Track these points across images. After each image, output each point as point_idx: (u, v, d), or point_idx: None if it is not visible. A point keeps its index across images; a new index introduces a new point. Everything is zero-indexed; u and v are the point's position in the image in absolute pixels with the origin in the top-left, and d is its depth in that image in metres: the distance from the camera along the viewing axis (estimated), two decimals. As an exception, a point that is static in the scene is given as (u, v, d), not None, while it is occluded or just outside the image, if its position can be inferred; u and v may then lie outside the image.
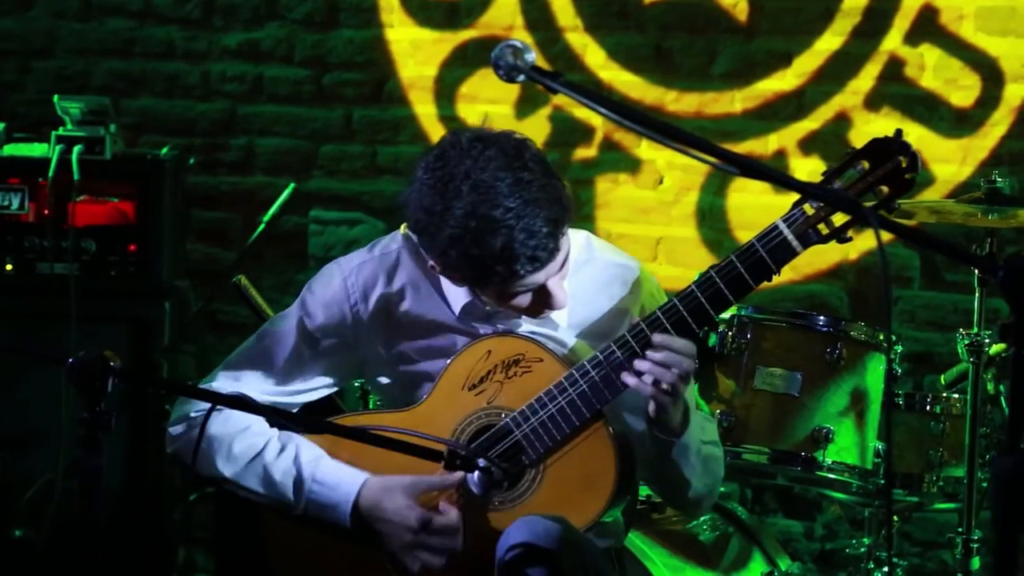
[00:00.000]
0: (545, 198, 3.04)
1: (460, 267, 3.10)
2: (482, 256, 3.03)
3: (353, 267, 3.35)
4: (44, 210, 4.79)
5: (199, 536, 5.38)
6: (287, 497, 3.26)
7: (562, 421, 3.14)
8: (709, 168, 5.12)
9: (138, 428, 4.81)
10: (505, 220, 3.00)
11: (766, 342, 4.01)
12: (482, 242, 3.02)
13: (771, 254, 3.05)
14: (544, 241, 3.03)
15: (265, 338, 3.39)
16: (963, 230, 4.40)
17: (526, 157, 3.06)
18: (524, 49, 2.58)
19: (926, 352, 5.01)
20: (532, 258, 3.04)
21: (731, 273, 3.08)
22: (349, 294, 3.33)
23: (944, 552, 4.93)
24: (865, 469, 4.04)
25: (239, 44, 5.57)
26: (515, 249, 3.02)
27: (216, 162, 5.60)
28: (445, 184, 3.04)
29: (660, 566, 3.77)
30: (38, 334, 4.70)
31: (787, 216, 3.05)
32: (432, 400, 3.26)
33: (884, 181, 2.98)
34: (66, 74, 5.65)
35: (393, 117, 5.47)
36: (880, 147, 2.99)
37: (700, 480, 3.25)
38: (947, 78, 4.98)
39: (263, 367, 3.36)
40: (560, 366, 3.17)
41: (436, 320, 3.31)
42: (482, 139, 3.08)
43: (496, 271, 3.05)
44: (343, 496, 3.23)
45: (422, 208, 3.08)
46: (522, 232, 3.01)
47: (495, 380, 3.21)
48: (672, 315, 3.10)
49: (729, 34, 5.18)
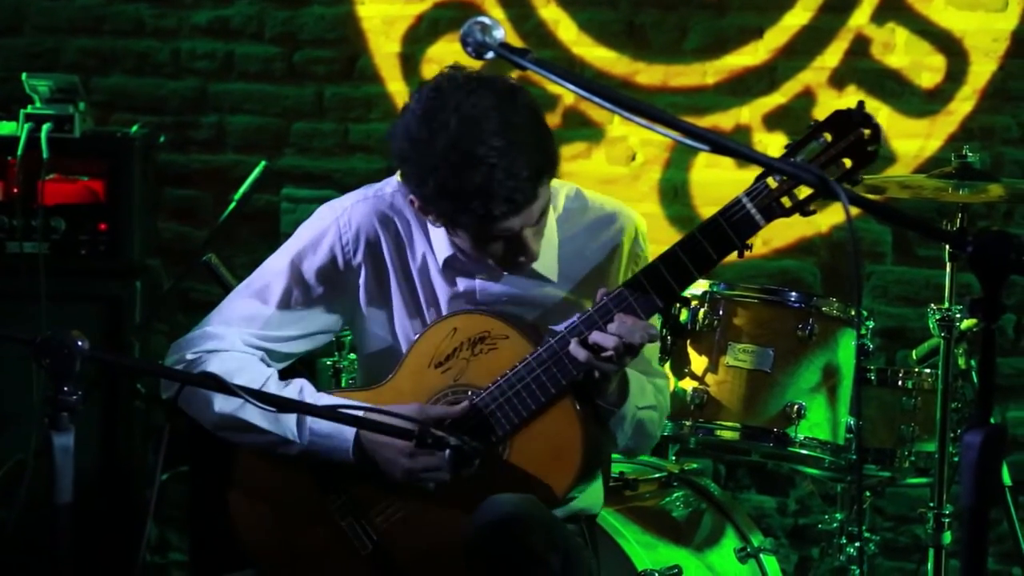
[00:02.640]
0: (530, 144, 3.03)
1: (436, 200, 3.08)
2: (459, 190, 3.02)
3: (346, 207, 3.34)
4: (13, 189, 4.77)
5: (172, 515, 5.37)
6: (290, 430, 3.22)
7: (528, 398, 3.14)
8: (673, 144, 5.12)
9: (110, 407, 4.80)
10: (487, 158, 2.99)
11: (738, 318, 4.01)
12: (461, 175, 3.00)
13: (734, 228, 3.04)
14: (523, 184, 3.02)
15: (256, 281, 3.37)
16: (935, 205, 4.41)
17: (519, 102, 3.06)
18: (493, 26, 2.57)
19: (898, 327, 5.02)
20: (509, 199, 3.02)
21: (695, 248, 3.07)
22: (341, 234, 3.32)
23: (916, 527, 4.95)
24: (837, 445, 4.05)
25: (209, 21, 5.55)
26: (493, 187, 3.00)
27: (187, 140, 5.57)
28: (434, 114, 3.03)
29: (632, 543, 3.78)
30: (8, 314, 4.68)
31: (750, 190, 3.05)
32: (399, 378, 3.25)
33: (846, 153, 2.97)
34: (35, 52, 5.62)
35: (365, 95, 5.45)
36: (842, 119, 2.98)
37: (630, 441, 3.27)
38: (914, 58, 4.98)
39: (254, 311, 3.33)
40: (526, 343, 3.16)
41: (421, 269, 3.30)
42: (478, 78, 3.07)
43: (471, 209, 3.03)
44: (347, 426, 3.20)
45: (407, 137, 3.07)
46: (502, 172, 3.00)
47: (461, 357, 3.20)
48: (636, 290, 3.09)
49: (701, 9, 5.17)
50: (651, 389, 3.32)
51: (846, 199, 2.36)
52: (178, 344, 3.37)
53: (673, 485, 4.14)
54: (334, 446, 3.21)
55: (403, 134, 3.09)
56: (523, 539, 3.02)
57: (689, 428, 4.01)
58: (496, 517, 3.03)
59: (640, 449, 3.39)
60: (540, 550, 3.04)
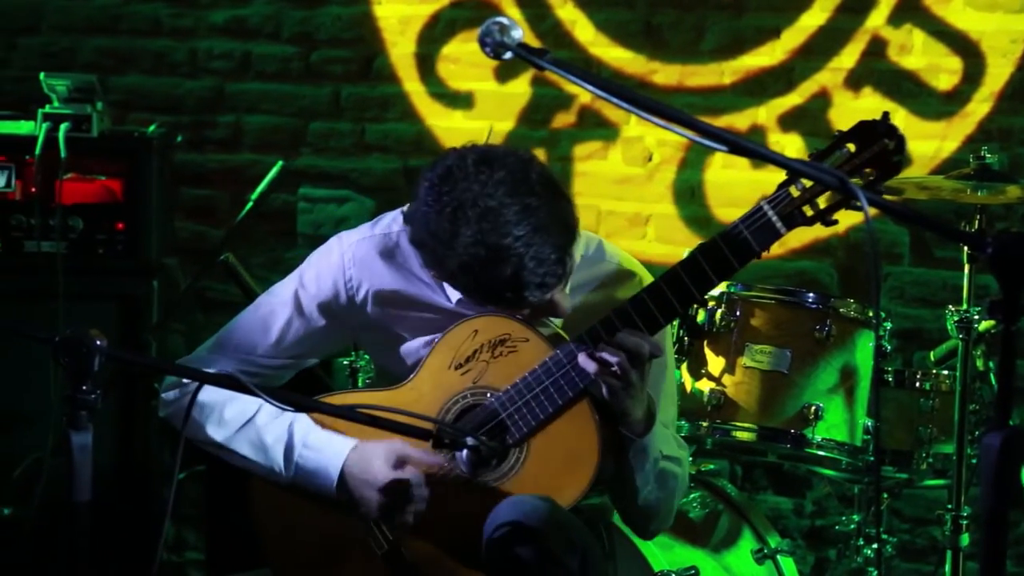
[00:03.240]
0: (553, 224, 3.02)
1: (468, 291, 3.11)
2: (491, 283, 3.03)
3: (352, 243, 3.35)
4: (31, 188, 4.78)
5: (189, 513, 5.37)
6: (277, 463, 3.27)
7: (546, 401, 3.14)
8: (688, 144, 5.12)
9: (127, 406, 4.81)
10: (514, 248, 2.98)
11: (755, 319, 4.01)
12: (491, 270, 3.01)
13: (755, 235, 3.04)
14: (553, 268, 3.03)
15: (262, 307, 3.41)
16: (953, 206, 4.40)
17: (533, 180, 3.03)
18: (511, 26, 2.57)
19: (916, 329, 5.01)
20: (541, 285, 3.04)
21: (716, 254, 3.06)
22: (345, 270, 3.34)
23: (934, 528, 4.93)
24: (854, 446, 4.04)
25: (226, 21, 5.55)
26: (524, 277, 3.01)
27: (204, 140, 5.58)
28: (453, 211, 3.01)
29: (650, 544, 3.77)
30: (26, 313, 4.69)
31: (772, 197, 3.05)
32: (419, 379, 3.25)
33: (870, 164, 2.98)
34: (52, 51, 5.63)
35: (382, 94, 5.45)
36: (867, 129, 2.99)
37: (651, 491, 3.23)
38: (930, 60, 4.97)
39: (257, 335, 3.37)
40: (546, 346, 3.16)
41: (431, 303, 3.31)
42: (488, 161, 3.04)
43: (505, 297, 3.06)
44: (331, 460, 3.23)
45: (428, 232, 3.05)
46: (532, 260, 3.00)
47: (481, 360, 3.20)
48: (656, 295, 3.09)
49: (718, 10, 5.17)
50: (675, 444, 3.31)
51: (865, 200, 2.36)
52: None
53: (690, 486, 4.13)
54: (319, 484, 3.25)
55: (423, 227, 3.07)
56: (540, 541, 3.02)
57: (706, 429, 4.01)
58: (513, 518, 3.04)
59: (663, 512, 3.32)
60: (558, 551, 3.04)
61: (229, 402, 3.30)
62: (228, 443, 3.31)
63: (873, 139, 2.98)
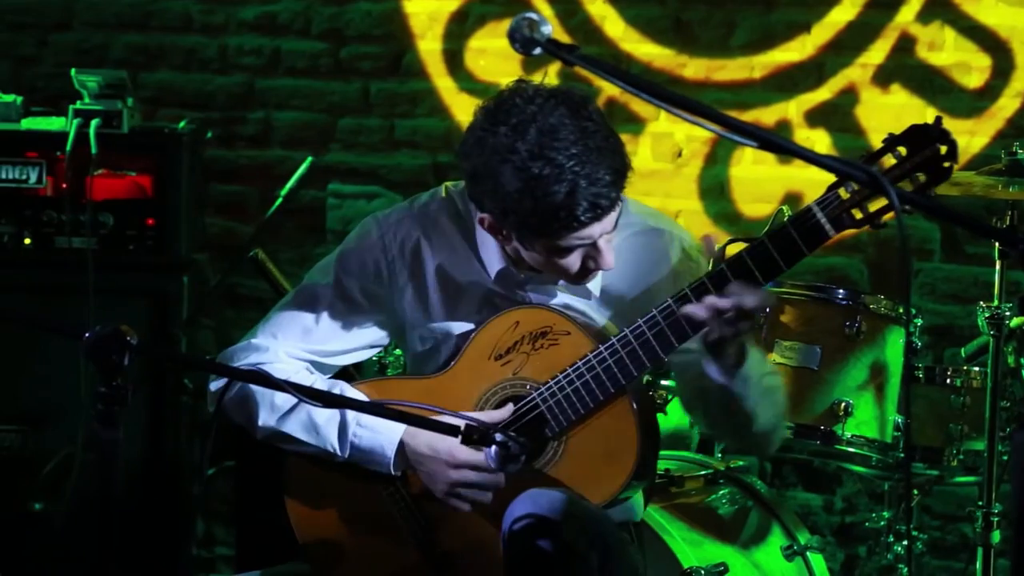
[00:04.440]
0: (608, 148, 3.03)
1: (519, 213, 3.05)
2: (544, 200, 3.01)
3: (392, 223, 3.33)
4: (62, 184, 4.79)
5: (218, 509, 5.39)
6: (331, 443, 3.25)
7: (587, 395, 3.13)
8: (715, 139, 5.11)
9: (157, 402, 4.82)
10: (570, 165, 2.99)
11: (785, 315, 4.00)
12: (545, 185, 3.00)
13: (803, 237, 3.03)
14: (606, 190, 3.02)
15: (303, 294, 3.37)
16: (984, 202, 4.37)
17: (590, 109, 3.06)
18: (541, 21, 2.56)
19: (946, 325, 4.99)
20: (594, 205, 3.02)
21: (763, 255, 3.05)
22: (386, 250, 3.32)
23: (964, 525, 4.92)
24: (885, 443, 4.03)
25: (256, 17, 5.56)
26: (578, 194, 3.00)
27: (234, 136, 5.59)
28: (512, 128, 3.02)
29: (679, 540, 3.77)
30: (56, 308, 4.70)
31: (821, 199, 3.03)
32: (458, 368, 3.25)
33: (921, 168, 2.95)
34: (83, 47, 5.64)
35: (411, 90, 5.45)
36: (919, 133, 2.96)
37: (764, 412, 3.20)
38: (960, 57, 4.95)
39: (301, 325, 3.34)
40: (587, 340, 3.15)
41: (471, 281, 3.29)
42: (546, 90, 3.08)
43: (558, 217, 3.03)
44: (387, 439, 3.22)
45: (484, 151, 3.05)
46: (585, 179, 3.00)
47: (521, 351, 3.20)
48: (700, 294, 3.07)
49: (748, 5, 5.16)
50: (760, 355, 3.24)
51: (895, 197, 2.35)
52: (225, 355, 3.38)
53: (719, 482, 4.13)
54: (375, 460, 3.24)
55: (477, 149, 3.07)
56: (558, 533, 3.01)
57: (735, 425, 4.00)
58: (530, 512, 3.04)
59: (777, 428, 3.30)
60: (576, 544, 3.03)
61: None
62: (281, 427, 3.27)
63: (925, 143, 2.95)
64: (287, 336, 3.34)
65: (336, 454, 3.26)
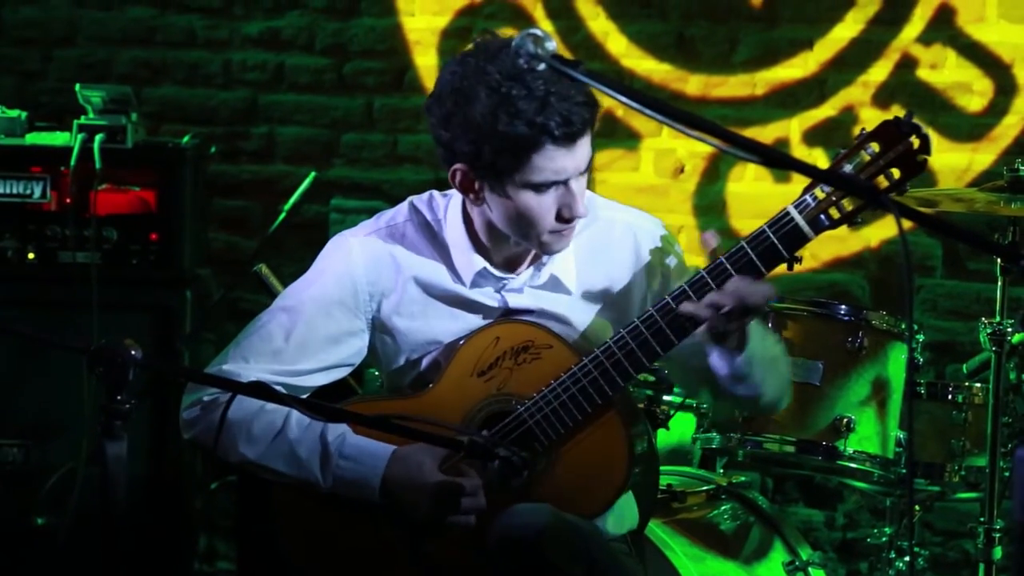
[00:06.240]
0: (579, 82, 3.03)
1: (492, 140, 3.06)
2: (518, 116, 3.02)
3: (360, 239, 3.31)
4: (66, 199, 4.80)
5: (220, 524, 5.39)
6: (314, 475, 3.22)
7: (574, 408, 3.13)
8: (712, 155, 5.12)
9: (160, 416, 4.81)
10: (542, 84, 3.02)
11: (787, 331, 4.00)
12: (518, 101, 3.02)
13: (782, 240, 3.04)
14: (578, 108, 3.04)
15: (272, 315, 3.32)
16: (986, 218, 4.38)
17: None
18: (545, 37, 2.57)
19: (948, 341, 4.99)
20: (567, 120, 3.03)
21: (742, 260, 3.06)
22: (357, 266, 3.28)
23: (966, 542, 4.92)
24: (887, 458, 4.04)
25: (260, 32, 5.58)
26: (550, 108, 3.02)
27: (237, 151, 5.60)
28: (486, 56, 3.06)
29: (680, 555, 3.77)
30: (60, 323, 4.71)
31: (797, 202, 3.04)
32: (441, 386, 3.23)
33: (895, 164, 2.96)
34: (88, 63, 5.66)
35: (414, 106, 5.46)
36: (891, 129, 2.97)
37: (770, 385, 3.22)
38: (961, 78, 4.96)
39: (272, 345, 3.28)
40: (570, 352, 3.16)
41: (445, 291, 3.27)
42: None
43: (531, 134, 3.03)
44: (371, 470, 3.19)
45: (453, 84, 3.09)
46: (556, 96, 3.02)
47: (504, 367, 3.19)
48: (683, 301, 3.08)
49: (751, 22, 5.17)
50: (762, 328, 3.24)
51: (898, 212, 2.35)
52: (194, 384, 3.33)
53: (721, 498, 4.12)
54: (360, 491, 3.21)
55: (448, 87, 3.10)
56: (542, 553, 3.00)
57: (737, 440, 4.01)
58: (511, 529, 3.03)
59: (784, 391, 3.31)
60: (558, 560, 3.02)
61: (255, 417, 3.23)
62: (261, 460, 3.24)
63: (898, 138, 2.96)
64: (258, 358, 3.28)
65: (320, 485, 3.23)
